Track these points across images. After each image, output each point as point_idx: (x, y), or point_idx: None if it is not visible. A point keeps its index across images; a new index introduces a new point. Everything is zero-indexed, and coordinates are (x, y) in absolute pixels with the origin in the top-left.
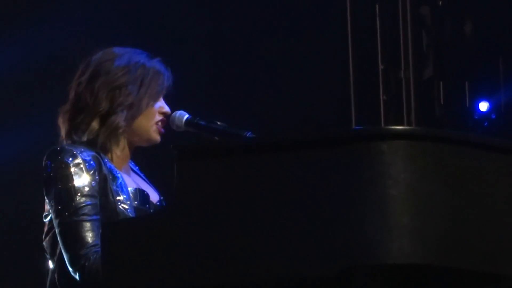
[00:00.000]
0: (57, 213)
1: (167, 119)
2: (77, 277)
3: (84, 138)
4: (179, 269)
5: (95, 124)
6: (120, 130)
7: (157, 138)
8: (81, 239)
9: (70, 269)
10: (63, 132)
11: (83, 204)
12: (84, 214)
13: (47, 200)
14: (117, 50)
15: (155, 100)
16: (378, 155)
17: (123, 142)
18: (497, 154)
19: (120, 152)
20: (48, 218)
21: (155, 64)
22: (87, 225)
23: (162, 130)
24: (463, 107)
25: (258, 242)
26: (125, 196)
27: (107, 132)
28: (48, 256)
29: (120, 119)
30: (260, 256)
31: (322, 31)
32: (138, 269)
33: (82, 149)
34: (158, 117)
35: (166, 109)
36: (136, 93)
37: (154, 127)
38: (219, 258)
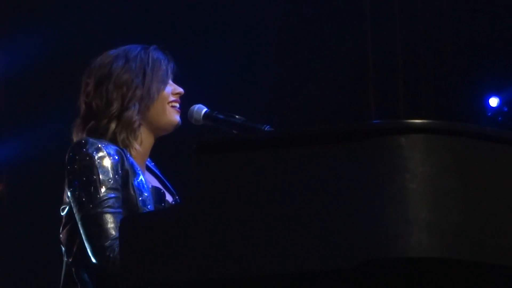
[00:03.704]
0: (81, 205)
1: (181, 99)
2: (100, 268)
3: (106, 140)
4: (198, 261)
5: (112, 125)
6: (136, 125)
7: (175, 118)
8: (106, 230)
9: (93, 260)
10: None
11: (107, 197)
12: (108, 207)
13: (69, 192)
14: (112, 52)
15: (164, 84)
16: (396, 149)
17: (141, 136)
18: None
19: (139, 146)
20: (66, 211)
21: (152, 51)
22: (112, 217)
23: (178, 108)
24: (480, 101)
25: (276, 236)
26: (145, 192)
27: (123, 128)
28: (64, 248)
29: (133, 113)
30: (279, 250)
31: (342, 26)
32: (156, 261)
33: (106, 143)
34: (172, 98)
35: (179, 89)
36: (142, 84)
37: (170, 109)
38: (236, 251)
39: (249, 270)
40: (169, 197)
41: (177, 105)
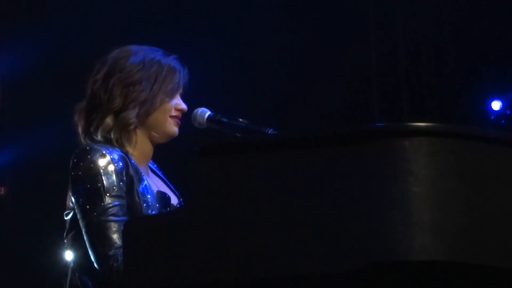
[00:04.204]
0: (85, 213)
1: (182, 116)
2: (104, 277)
3: (99, 135)
4: (201, 264)
5: (108, 121)
6: (131, 127)
7: (174, 130)
8: (109, 239)
9: (97, 268)
10: (80, 129)
11: (112, 205)
12: (112, 215)
13: (73, 199)
14: (133, 47)
15: (171, 97)
16: (400, 152)
17: (136, 139)
18: None
19: (133, 149)
20: (70, 216)
21: (171, 61)
22: (116, 225)
23: (179, 121)
24: (483, 105)
25: (279, 239)
26: (149, 197)
27: (118, 128)
28: (69, 253)
29: (131, 115)
30: (282, 252)
31: (345, 29)
32: (159, 264)
33: (111, 149)
34: (174, 113)
35: (183, 106)
36: (149, 89)
37: (170, 120)
38: (240, 254)
39: (252, 272)
40: (174, 201)
41: (178, 119)
